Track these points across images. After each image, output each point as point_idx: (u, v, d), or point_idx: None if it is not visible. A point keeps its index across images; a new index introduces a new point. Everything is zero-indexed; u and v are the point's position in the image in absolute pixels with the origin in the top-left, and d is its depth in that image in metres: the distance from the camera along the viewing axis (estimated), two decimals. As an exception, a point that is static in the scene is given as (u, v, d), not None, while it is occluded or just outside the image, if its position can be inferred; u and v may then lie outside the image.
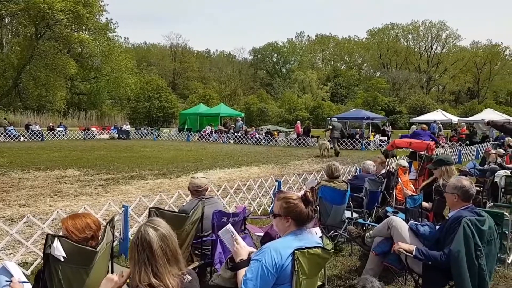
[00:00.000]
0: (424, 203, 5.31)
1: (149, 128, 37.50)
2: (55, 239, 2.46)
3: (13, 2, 33.02)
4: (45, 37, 36.27)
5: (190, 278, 2.21)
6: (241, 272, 2.57)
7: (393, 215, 4.67)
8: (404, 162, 7.43)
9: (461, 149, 18.29)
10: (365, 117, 27.55)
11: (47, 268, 2.49)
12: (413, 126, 27.19)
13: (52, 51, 36.81)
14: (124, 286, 2.31)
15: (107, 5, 44.52)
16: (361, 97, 65.63)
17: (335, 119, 22.70)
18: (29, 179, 11.15)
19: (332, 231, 5.46)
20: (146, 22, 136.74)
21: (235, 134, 29.66)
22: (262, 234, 4.53)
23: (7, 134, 27.42)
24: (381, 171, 6.93)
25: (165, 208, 5.37)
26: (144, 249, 2.12)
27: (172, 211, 4.07)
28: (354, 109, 38.11)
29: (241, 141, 28.55)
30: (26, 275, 4.15)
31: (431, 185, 5.60)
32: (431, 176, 6.16)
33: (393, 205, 6.25)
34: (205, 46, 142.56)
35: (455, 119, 32.82)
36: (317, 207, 5.30)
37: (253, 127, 34.13)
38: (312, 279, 2.64)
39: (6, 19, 40.27)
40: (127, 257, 4.78)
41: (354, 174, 9.25)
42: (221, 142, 28.88)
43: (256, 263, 2.44)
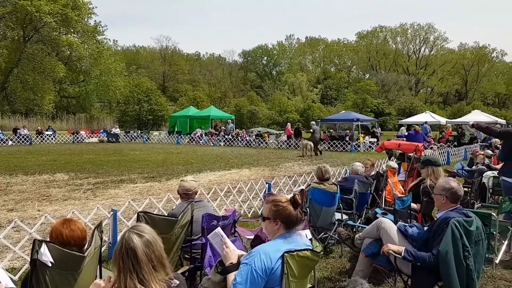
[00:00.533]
0: (413, 204, 5.35)
1: (139, 131, 37.32)
2: (43, 244, 2.43)
3: (0, 5, 32.68)
4: (33, 40, 35.99)
5: (177, 282, 2.19)
6: (231, 276, 2.56)
7: (382, 216, 4.70)
8: (393, 164, 7.48)
9: (450, 150, 18.46)
10: (355, 119, 27.72)
11: (34, 273, 2.46)
12: (402, 127, 27.51)
13: (40, 54, 36.54)
14: None
15: (96, 7, 44.36)
16: (351, 99, 66.06)
17: (314, 123, 24.13)
18: (17, 183, 11.03)
19: (322, 233, 5.47)
20: (135, 24, 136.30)
21: (226, 136, 29.63)
22: (252, 237, 4.52)
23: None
24: (371, 173, 6.96)
25: (155, 211, 5.35)
26: (129, 256, 2.08)
27: (161, 215, 4.04)
28: (343, 111, 38.34)
29: (232, 143, 28.53)
30: (14, 281, 4.10)
31: (419, 186, 5.65)
32: (419, 176, 6.21)
33: (383, 206, 6.29)
34: (195, 49, 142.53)
35: (443, 120, 33.15)
36: (307, 209, 5.31)
37: (244, 130, 34.14)
38: (302, 281, 2.64)
39: (-7, 22, 39.91)
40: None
41: (344, 176, 9.29)
42: (212, 144, 28.82)
43: (246, 266, 2.44)
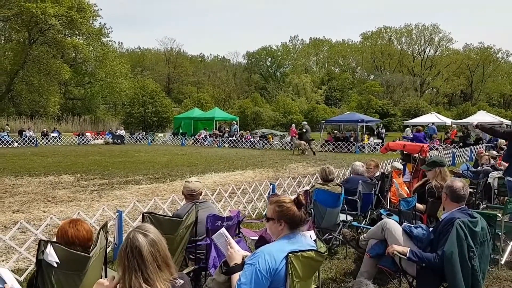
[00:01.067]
0: (418, 205, 5.33)
1: (144, 132, 37.43)
2: (48, 245, 2.45)
3: (6, 7, 32.85)
4: (38, 42, 36.18)
5: (182, 282, 2.20)
6: (235, 277, 2.56)
7: (387, 217, 4.69)
8: (398, 165, 7.46)
9: (455, 151, 18.39)
10: (359, 120, 27.64)
11: (40, 274, 2.48)
12: (408, 128, 27.40)
13: (45, 56, 36.71)
14: None
15: (101, 10, 44.63)
16: (355, 100, 65.92)
17: (305, 123, 24.98)
18: (22, 185, 11.08)
19: (327, 234, 5.47)
20: (140, 27, 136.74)
21: (230, 138, 29.66)
22: (256, 237, 4.51)
23: (0, 140, 27.25)
24: (375, 174, 6.93)
25: (159, 212, 5.36)
26: (134, 255, 2.10)
27: (166, 216, 4.06)
28: (348, 112, 38.30)
29: (236, 145, 28.54)
30: (20, 282, 4.12)
31: (424, 187, 5.63)
32: (425, 177, 6.19)
33: (387, 207, 6.27)
34: (199, 51, 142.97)
35: (448, 121, 33.03)
36: (311, 210, 5.30)
37: (248, 131, 34.14)
38: (306, 282, 2.65)
39: (-1, 25, 40.25)
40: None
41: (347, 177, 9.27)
42: (216, 146, 28.85)
43: (250, 267, 2.44)
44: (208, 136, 30.91)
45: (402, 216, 4.81)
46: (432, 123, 27.78)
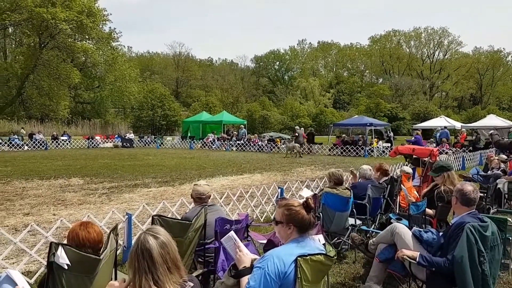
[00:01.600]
0: (428, 210, 5.30)
1: (153, 136, 37.60)
2: (59, 247, 2.47)
3: (17, 12, 33.22)
4: (48, 47, 36.53)
5: (191, 284, 2.21)
6: (244, 280, 2.56)
7: (397, 221, 4.67)
8: (408, 169, 7.39)
9: (465, 155, 18.24)
10: (368, 124, 27.52)
11: (51, 276, 2.49)
12: (417, 132, 27.25)
13: (55, 61, 37.07)
14: None
15: (110, 14, 44.99)
16: (364, 103, 65.65)
17: (298, 127, 26.43)
18: (32, 188, 11.19)
19: (336, 238, 5.44)
20: (149, 31, 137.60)
21: (238, 141, 29.70)
22: (265, 241, 4.52)
23: (10, 143, 27.56)
24: (383, 178, 6.88)
25: (168, 215, 5.38)
26: (144, 257, 2.12)
27: (176, 219, 4.07)
28: (356, 116, 38.09)
29: (244, 148, 28.57)
30: (30, 284, 4.16)
31: (433, 192, 5.60)
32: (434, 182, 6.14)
33: (397, 211, 6.23)
34: (208, 55, 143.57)
35: (458, 125, 32.76)
36: (320, 214, 5.29)
37: (256, 135, 34.16)
38: (316, 286, 2.64)
39: (10, 29, 40.60)
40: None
41: (350, 182, 9.24)
42: (224, 149, 28.91)
43: (259, 270, 2.44)
44: (216, 140, 30.99)
45: (412, 220, 4.78)
46: (445, 127, 27.61)
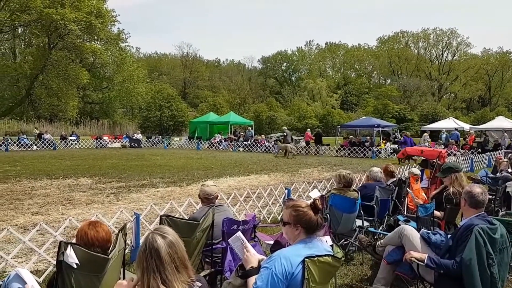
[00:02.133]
0: (436, 212, 5.27)
1: (160, 136, 37.76)
2: (68, 246, 2.49)
3: (26, 12, 33.48)
4: (57, 47, 36.80)
5: (199, 284, 2.22)
6: (251, 280, 2.56)
7: (405, 223, 4.65)
8: (416, 170, 7.34)
9: (473, 157, 18.11)
10: (376, 125, 27.41)
11: (60, 275, 2.51)
12: (425, 133, 27.11)
13: (64, 61, 37.33)
14: None
15: (119, 15, 45.17)
16: (372, 104, 65.37)
17: (285, 128, 28.42)
18: (41, 187, 11.28)
19: (343, 240, 5.42)
20: (157, 32, 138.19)
21: (245, 142, 29.71)
22: (272, 242, 4.52)
23: (19, 142, 27.80)
24: (389, 180, 6.85)
25: (176, 215, 5.40)
26: (153, 256, 2.13)
27: (183, 219, 4.09)
28: (364, 117, 37.95)
29: (251, 149, 28.58)
30: (39, 283, 4.19)
31: (442, 194, 5.56)
32: (443, 184, 6.11)
33: (405, 213, 6.20)
34: (215, 55, 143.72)
35: (466, 127, 32.52)
36: (327, 215, 5.27)
37: (262, 135, 34.17)
38: (323, 287, 2.63)
39: (19, 30, 40.88)
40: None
41: (363, 182, 9.20)
42: (231, 150, 28.94)
43: (266, 271, 2.44)
44: (223, 140, 31.03)
45: (420, 222, 4.76)
46: (456, 129, 27.47)
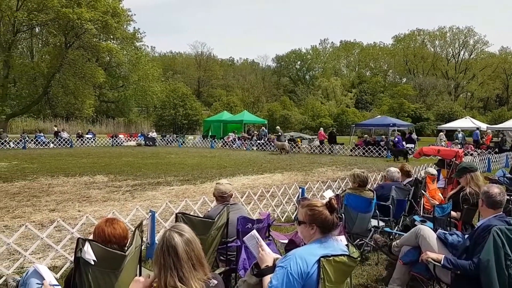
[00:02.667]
0: (452, 213, 5.20)
1: (174, 135, 37.98)
2: (86, 243, 2.52)
3: (43, 12, 33.90)
4: (74, 46, 37.18)
5: (215, 282, 2.23)
6: (267, 279, 2.56)
7: (421, 224, 4.60)
8: (432, 170, 7.26)
9: (490, 157, 17.83)
10: (391, 124, 27.15)
11: (77, 271, 2.55)
12: (441, 133, 26.79)
13: (81, 60, 37.71)
14: None
15: (135, 15, 45.49)
16: (387, 103, 64.79)
17: (278, 127, 30.44)
18: (58, 184, 11.44)
19: (358, 240, 5.39)
20: (172, 31, 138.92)
21: (258, 141, 29.72)
22: (286, 241, 4.52)
23: (36, 140, 28.24)
24: (406, 180, 6.78)
25: (191, 213, 5.43)
26: (170, 253, 2.15)
27: (198, 217, 4.11)
28: (379, 116, 37.65)
29: (264, 148, 28.57)
30: (56, 279, 4.25)
31: (459, 194, 5.50)
32: (459, 185, 6.03)
33: (421, 213, 6.13)
34: (229, 54, 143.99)
35: (483, 126, 32.03)
36: (342, 215, 5.24)
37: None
38: (338, 287, 2.61)
39: (37, 29, 41.39)
40: (153, 262, 4.83)
41: (380, 182, 9.13)
42: (244, 149, 28.97)
43: (282, 270, 2.44)
44: (236, 139, 31.07)
45: (437, 222, 4.70)
46: (477, 129, 27.13)
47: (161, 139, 34.37)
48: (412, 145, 25.00)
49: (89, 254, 2.50)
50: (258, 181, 12.74)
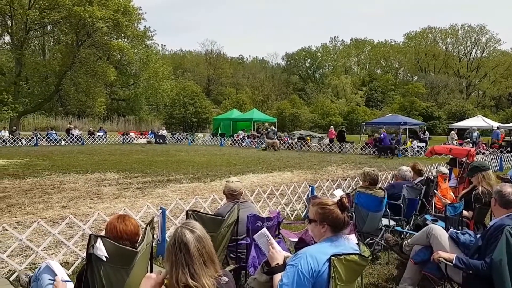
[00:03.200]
0: (464, 212, 5.15)
1: (184, 133, 38.12)
2: (98, 239, 2.54)
3: (55, 10, 34.14)
4: (85, 45, 37.39)
5: (226, 279, 2.24)
6: (277, 277, 2.56)
7: (433, 223, 4.56)
8: (444, 169, 7.18)
9: (502, 156, 17.62)
10: (402, 123, 26.94)
11: (89, 267, 2.57)
12: (453, 131, 26.53)
13: (92, 58, 37.93)
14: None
15: (145, 13, 45.61)
16: (398, 102, 64.32)
17: (267, 124, 31.03)
18: (70, 181, 11.54)
19: (368, 239, 5.36)
20: (182, 29, 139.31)
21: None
22: (296, 239, 4.50)
23: (48, 137, 28.53)
24: (417, 179, 6.74)
25: (201, 211, 5.45)
26: (182, 250, 2.16)
27: (208, 214, 4.12)
28: (390, 114, 37.38)
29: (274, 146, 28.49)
30: (68, 275, 4.29)
31: (471, 193, 5.44)
32: (471, 184, 5.97)
33: (432, 213, 6.09)
34: (239, 52, 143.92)
35: (496, 125, 31.65)
36: (353, 213, 5.22)
37: (285, 132, 34.08)
38: (349, 286, 2.60)
39: (48, 27, 41.69)
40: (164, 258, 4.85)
41: (390, 181, 9.07)
42: (254, 147, 28.96)
43: (292, 268, 2.43)
44: (246, 137, 31.07)
45: (448, 222, 4.66)
46: (498, 128, 26.84)
47: (171, 137, 34.52)
48: (423, 144, 24.79)
49: (101, 250, 2.51)
50: (268, 179, 12.74)
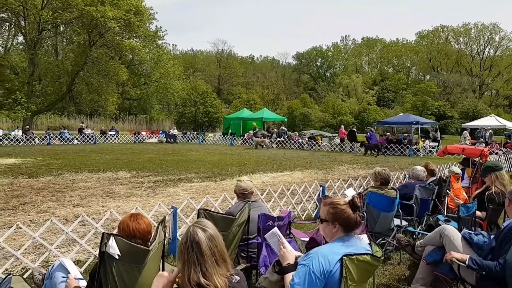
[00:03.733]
0: (477, 212, 5.09)
1: (195, 132, 38.26)
2: (111, 237, 2.56)
3: (68, 10, 34.47)
4: (97, 45, 37.69)
5: (238, 278, 2.25)
6: (288, 277, 2.55)
7: (445, 223, 4.52)
8: (457, 169, 7.11)
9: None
10: (414, 122, 26.73)
11: (102, 265, 2.59)
12: (465, 131, 26.24)
13: (104, 58, 38.23)
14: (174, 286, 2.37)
15: (157, 13, 45.91)
16: (410, 101, 63.79)
17: (255, 123, 32.32)
18: (82, 180, 11.64)
19: (380, 239, 5.32)
20: (193, 29, 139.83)
21: (278, 138, 29.66)
22: (307, 239, 4.49)
23: (61, 137, 28.84)
24: (430, 179, 6.68)
25: (211, 210, 5.46)
26: (194, 249, 2.17)
27: (220, 213, 4.13)
28: (402, 114, 37.12)
29: (284, 145, 28.51)
30: (80, 273, 4.34)
31: (484, 193, 5.39)
32: (484, 184, 5.91)
33: (445, 213, 6.03)
34: (249, 52, 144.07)
35: (509, 124, 31.23)
36: (364, 213, 5.19)
37: (296, 132, 34.01)
38: (361, 286, 2.59)
39: (61, 27, 42.06)
40: (176, 257, 4.88)
41: (402, 181, 9.01)
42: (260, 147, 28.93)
43: (304, 268, 2.43)
44: (257, 132, 31.06)
45: (461, 222, 4.61)
46: None
47: (182, 136, 34.70)
48: (436, 144, 24.56)
49: (113, 248, 2.53)
50: (278, 179, 12.72)
